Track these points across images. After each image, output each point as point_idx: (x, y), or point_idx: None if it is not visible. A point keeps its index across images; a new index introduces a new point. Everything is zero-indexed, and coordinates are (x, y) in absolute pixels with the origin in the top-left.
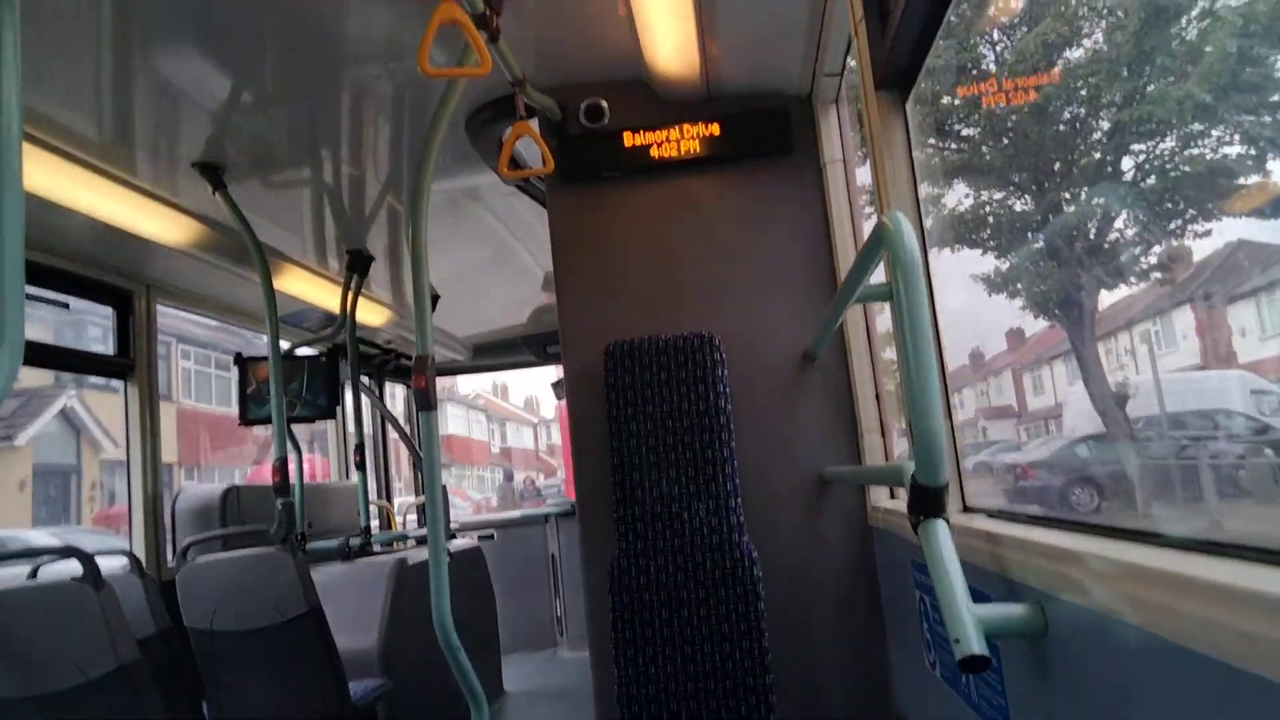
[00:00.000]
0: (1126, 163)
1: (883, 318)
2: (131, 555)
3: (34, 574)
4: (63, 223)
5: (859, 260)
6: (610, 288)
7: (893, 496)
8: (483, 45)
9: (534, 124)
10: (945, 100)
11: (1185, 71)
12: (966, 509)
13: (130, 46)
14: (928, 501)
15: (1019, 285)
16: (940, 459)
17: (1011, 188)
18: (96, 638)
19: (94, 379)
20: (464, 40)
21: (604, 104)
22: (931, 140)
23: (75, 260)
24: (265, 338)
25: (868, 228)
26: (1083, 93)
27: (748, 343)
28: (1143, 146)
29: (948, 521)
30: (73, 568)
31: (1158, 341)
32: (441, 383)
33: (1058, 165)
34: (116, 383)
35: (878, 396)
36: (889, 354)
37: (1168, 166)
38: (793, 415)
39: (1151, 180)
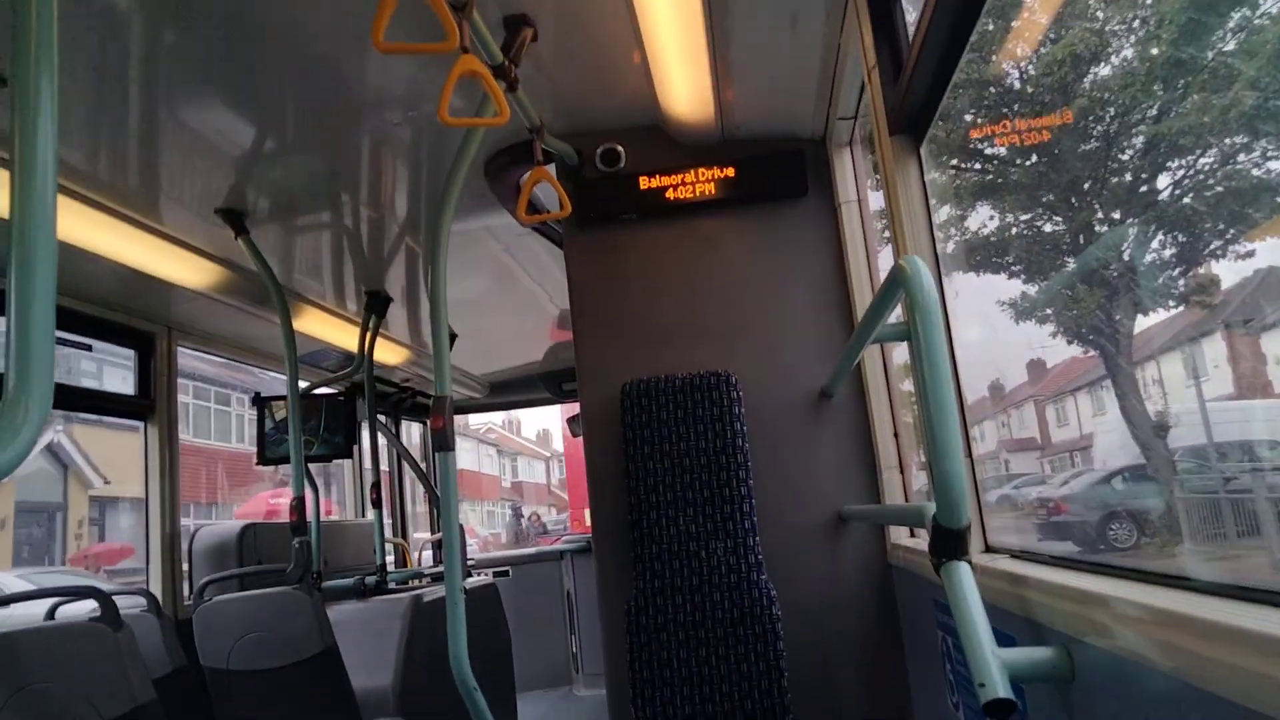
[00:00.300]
0: (1163, 180)
1: (899, 351)
2: (148, 594)
3: (51, 614)
4: (88, 268)
5: (876, 302)
6: (626, 327)
7: (912, 535)
8: (501, 95)
9: (551, 169)
10: (968, 117)
11: (1229, 78)
12: (989, 549)
13: (157, 97)
14: (949, 543)
15: (1048, 311)
16: (961, 500)
17: (1040, 208)
18: (113, 678)
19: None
20: (483, 90)
21: (620, 149)
22: (955, 161)
23: (99, 304)
24: (279, 375)
25: (884, 259)
26: (1112, 110)
27: (764, 381)
28: (1181, 162)
29: (970, 563)
30: (91, 605)
31: (1189, 369)
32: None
33: (1088, 184)
34: (107, 417)
35: (896, 433)
36: (906, 385)
37: (1210, 182)
38: (810, 453)
39: (1189, 199)
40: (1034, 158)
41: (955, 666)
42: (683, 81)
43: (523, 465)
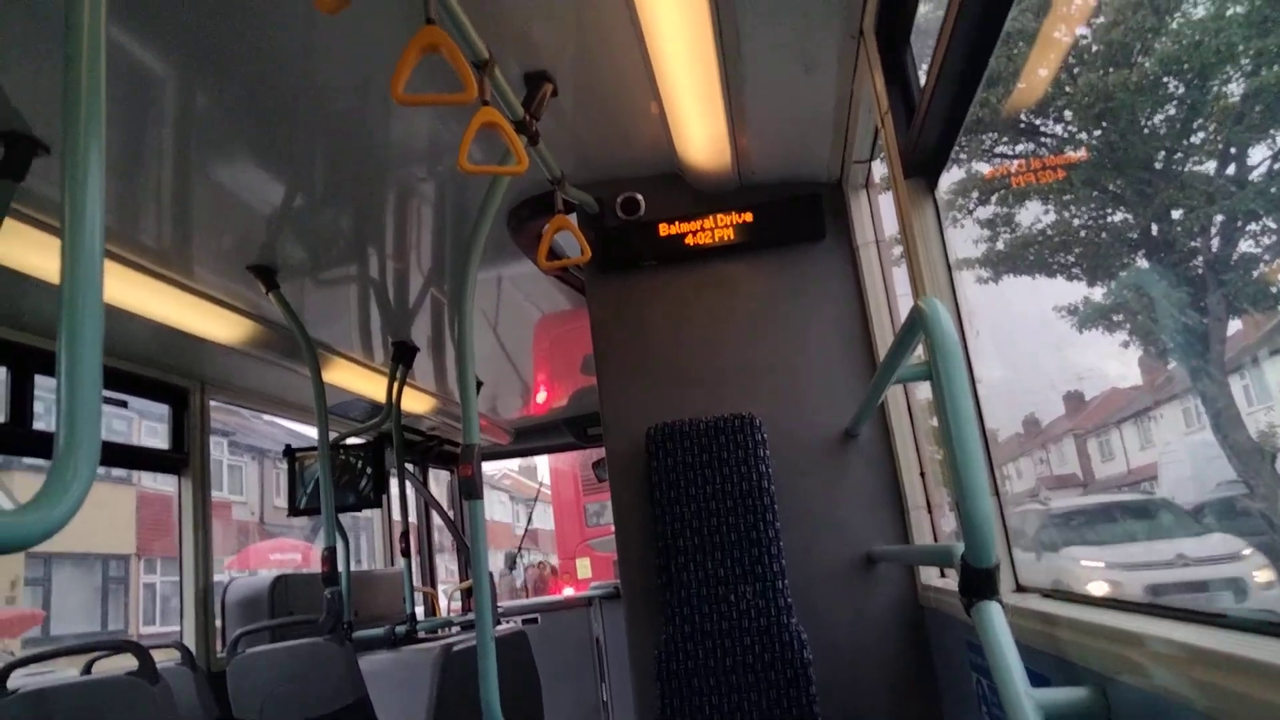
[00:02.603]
0: (1259, 152)
1: (924, 388)
2: (183, 647)
3: (88, 669)
4: (125, 326)
5: (896, 343)
6: (650, 371)
7: (943, 575)
8: (520, 147)
9: (572, 218)
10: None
11: None
12: (1020, 588)
13: (190, 159)
14: (979, 583)
15: (1119, 317)
16: (990, 539)
17: (1106, 194)
18: None
19: None
20: (504, 142)
21: (639, 197)
22: (1003, 143)
23: (134, 361)
24: (298, 426)
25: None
26: (1201, 61)
27: (788, 422)
28: None
29: (1001, 602)
30: (127, 661)
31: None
32: None
33: (1162, 157)
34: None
35: (922, 472)
36: (933, 420)
37: None
38: (837, 494)
39: None
40: (1100, 129)
41: (990, 709)
42: (699, 130)
43: (539, 511)
